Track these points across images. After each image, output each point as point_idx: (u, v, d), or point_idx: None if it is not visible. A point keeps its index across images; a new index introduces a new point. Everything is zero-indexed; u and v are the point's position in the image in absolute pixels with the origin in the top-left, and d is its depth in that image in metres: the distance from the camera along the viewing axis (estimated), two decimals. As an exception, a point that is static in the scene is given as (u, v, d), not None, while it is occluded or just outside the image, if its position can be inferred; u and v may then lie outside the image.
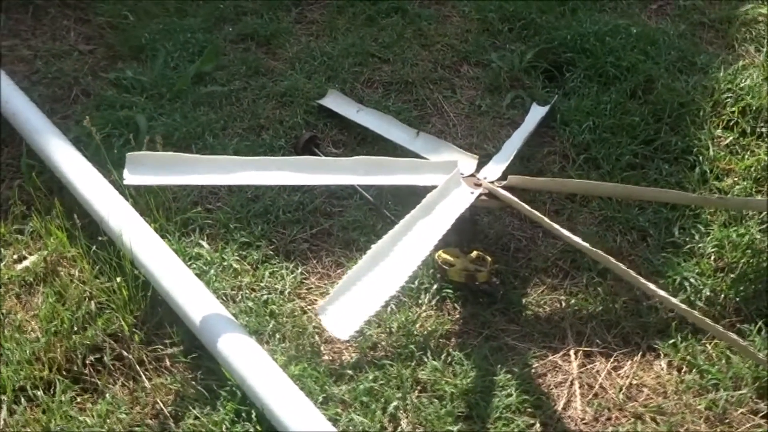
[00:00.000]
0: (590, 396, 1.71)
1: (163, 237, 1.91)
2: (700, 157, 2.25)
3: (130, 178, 1.57)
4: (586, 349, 1.81)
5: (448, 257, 1.87)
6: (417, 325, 1.80)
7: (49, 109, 2.38)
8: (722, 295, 1.94)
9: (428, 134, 2.14)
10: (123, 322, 1.73)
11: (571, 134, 2.33)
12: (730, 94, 2.39)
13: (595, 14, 2.80)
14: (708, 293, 1.93)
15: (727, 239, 2.03)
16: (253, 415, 1.54)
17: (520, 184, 1.81)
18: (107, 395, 1.61)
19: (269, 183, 1.66)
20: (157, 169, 1.60)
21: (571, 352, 1.80)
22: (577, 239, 1.66)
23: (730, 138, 2.31)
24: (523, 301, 1.88)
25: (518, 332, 1.82)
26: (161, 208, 1.99)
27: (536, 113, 2.33)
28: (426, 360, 1.72)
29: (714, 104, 2.39)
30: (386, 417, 1.60)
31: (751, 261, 2.00)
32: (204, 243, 1.94)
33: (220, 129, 2.33)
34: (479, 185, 1.79)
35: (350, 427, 1.57)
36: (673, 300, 1.65)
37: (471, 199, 1.72)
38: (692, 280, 1.96)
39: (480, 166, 1.98)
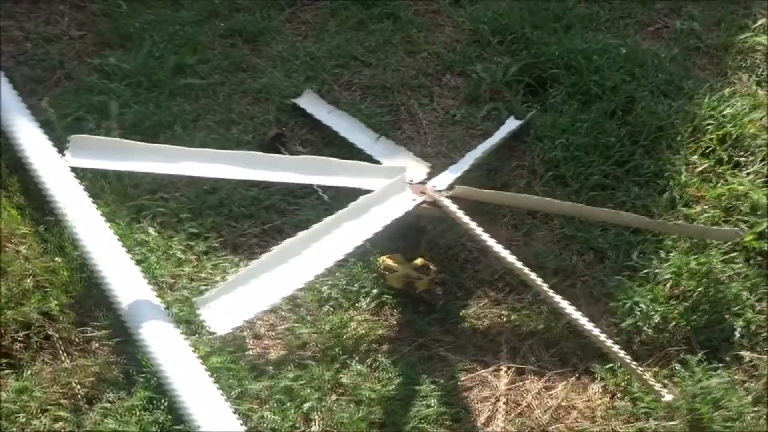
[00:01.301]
0: (514, 414, 1.67)
1: (112, 221, 1.93)
2: (671, 182, 2.20)
3: (71, 160, 1.58)
4: (519, 366, 1.77)
5: (390, 263, 1.86)
6: (350, 328, 1.78)
7: (30, 89, 2.43)
8: (673, 323, 1.89)
9: (388, 140, 2.13)
10: (55, 302, 1.74)
11: (543, 150, 2.30)
12: (711, 121, 2.32)
13: (589, 32, 2.76)
14: (658, 320, 1.88)
15: (685, 267, 1.97)
16: (164, 404, 1.54)
17: (465, 194, 1.78)
18: (27, 372, 1.63)
19: (209, 175, 1.66)
20: (100, 153, 1.61)
21: (503, 368, 1.76)
22: (511, 258, 1.63)
23: (706, 165, 2.25)
24: (463, 312, 1.85)
25: (452, 343, 1.79)
26: (117, 193, 2.01)
27: (508, 126, 2.30)
28: (351, 363, 1.70)
29: (694, 130, 2.33)
30: (299, 417, 1.59)
31: (707, 290, 1.94)
32: (151, 230, 1.95)
33: (191, 120, 2.35)
34: (424, 193, 1.77)
35: (262, 425, 1.56)
36: (586, 325, 1.60)
37: (410, 206, 1.69)
38: (643, 305, 1.91)
39: (436, 174, 1.96)
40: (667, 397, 1.55)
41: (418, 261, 1.86)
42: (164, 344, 1.57)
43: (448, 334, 1.81)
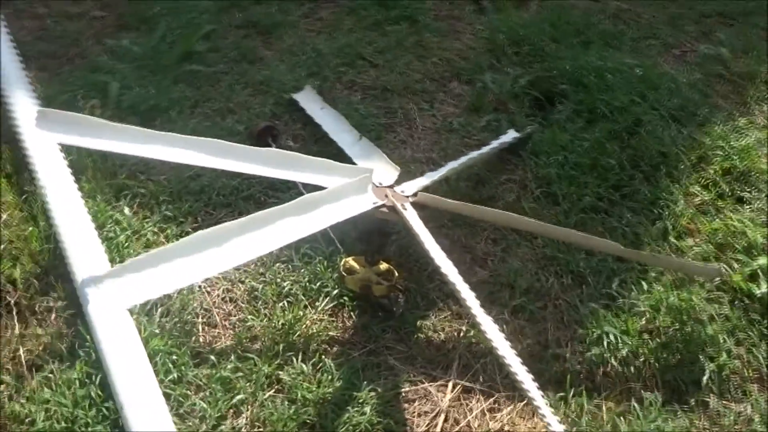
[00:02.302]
0: (453, 428, 1.62)
1: (91, 198, 1.96)
2: (666, 212, 2.10)
3: (36, 131, 1.61)
4: (467, 384, 1.72)
5: (353, 265, 1.83)
6: (302, 326, 1.76)
7: (43, 64, 2.50)
8: (642, 359, 1.81)
9: (368, 141, 2.10)
10: (20, 270, 1.78)
11: (537, 166, 2.24)
12: (719, 152, 2.22)
13: (609, 50, 2.68)
14: (626, 353, 1.80)
15: (665, 301, 1.88)
16: (98, 380, 1.55)
17: (427, 202, 1.74)
18: (-22, 335, 1.67)
19: (172, 159, 1.66)
20: (66, 128, 1.64)
21: (450, 384, 1.71)
22: (456, 280, 1.57)
23: (706, 197, 2.15)
24: (420, 323, 1.81)
25: (403, 353, 1.75)
26: (101, 171, 2.05)
27: (505, 138, 2.24)
28: (294, 361, 1.68)
29: (699, 159, 2.23)
30: (230, 408, 1.58)
31: (683, 328, 1.84)
32: (127, 210, 1.98)
33: (189, 107, 2.37)
34: (388, 197, 1.74)
35: (191, 411, 1.55)
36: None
37: (368, 207, 1.66)
38: (612, 336, 1.83)
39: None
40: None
41: (383, 266, 1.83)
42: (107, 321, 1.58)
43: (401, 343, 1.77)
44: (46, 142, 2.00)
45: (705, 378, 1.75)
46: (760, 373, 1.80)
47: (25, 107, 2.10)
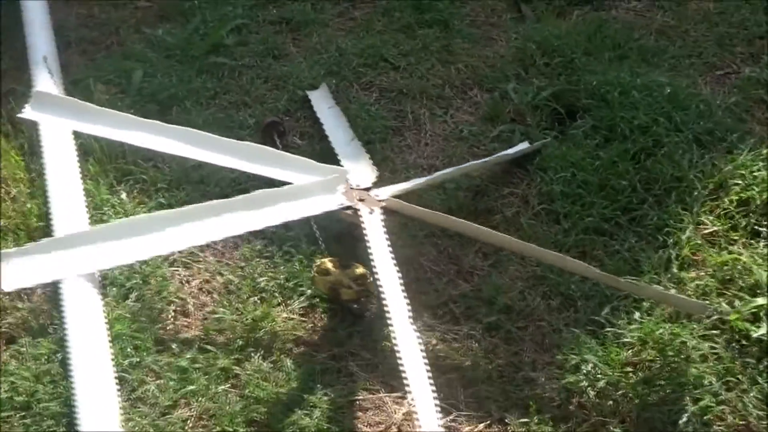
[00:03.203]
0: (401, 446, 1.60)
1: (93, 180, 2.04)
2: (672, 240, 1.99)
3: (29, 112, 1.69)
4: (427, 399, 1.68)
5: (329, 266, 1.83)
6: (269, 323, 1.77)
7: (82, 49, 2.62)
8: (620, 392, 1.72)
9: (359, 143, 2.09)
10: (13, 244, 1.87)
11: (542, 181, 2.17)
12: (739, 181, 2.08)
13: (643, 67, 2.56)
14: (603, 385, 1.72)
15: (655, 334, 1.78)
16: (61, 357, 1.61)
17: (397, 208, 1.72)
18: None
19: (154, 147, 1.71)
20: (60, 111, 1.72)
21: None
22: (390, 290, 1.54)
23: (718, 228, 2.02)
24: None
25: (366, 360, 1.74)
26: (108, 155, 2.12)
27: (509, 150, 2.19)
28: (254, 358, 1.69)
29: (716, 187, 2.09)
30: (180, 398, 1.60)
31: (670, 365, 1.74)
32: (124, 195, 2.05)
33: (208, 98, 2.43)
34: (362, 200, 1.73)
35: (143, 397, 1.59)
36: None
37: (332, 208, 1.66)
38: (592, 366, 1.75)
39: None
40: None
41: (358, 270, 1.82)
42: (76, 300, 1.64)
43: (366, 350, 1.75)
44: (59, 123, 2.09)
45: (683, 421, 1.65)
46: (746, 421, 1.67)
47: (44, 88, 2.20)
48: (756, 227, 2.00)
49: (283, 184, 1.89)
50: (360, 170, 1.85)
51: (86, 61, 2.57)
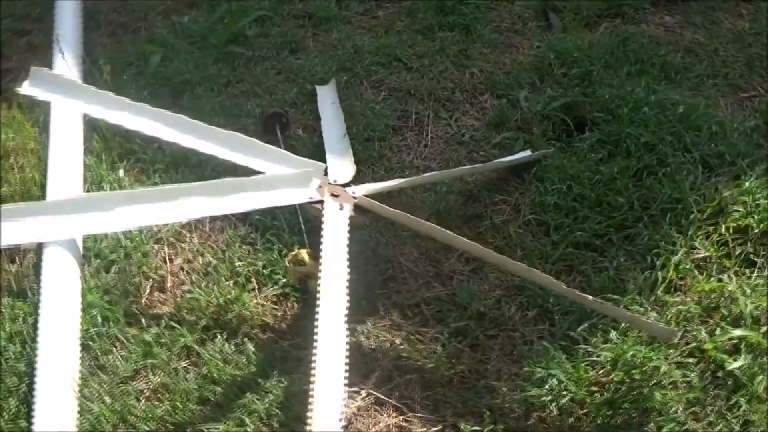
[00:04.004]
0: (348, 440, 1.61)
1: (95, 157, 2.12)
2: (660, 262, 1.93)
3: (26, 88, 1.77)
4: (382, 396, 1.69)
5: (305, 257, 1.84)
6: (240, 307, 1.80)
7: (111, 31, 2.72)
8: (583, 411, 1.69)
9: (348, 140, 2.10)
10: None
11: (538, 191, 2.14)
12: (739, 207, 2.00)
13: (661, 84, 2.49)
14: (566, 402, 1.69)
15: (624, 356, 1.74)
16: (32, 321, 1.68)
17: (368, 206, 1.72)
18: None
19: (137, 128, 1.76)
20: (54, 88, 1.78)
21: (364, 393, 1.69)
22: (328, 284, 1.53)
23: (712, 254, 1.95)
24: (355, 326, 1.80)
25: (328, 353, 1.74)
26: (113, 132, 2.20)
27: (507, 159, 2.16)
28: (218, 339, 1.73)
29: (716, 212, 2.02)
30: (140, 369, 1.65)
31: (640, 390, 1.69)
32: (122, 172, 2.12)
33: (220, 85, 2.48)
34: (335, 195, 1.74)
35: (104, 365, 1.64)
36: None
37: (300, 201, 1.68)
38: (557, 381, 1.72)
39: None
40: None
41: (333, 264, 1.82)
42: (54, 267, 1.70)
43: (329, 342, 1.76)
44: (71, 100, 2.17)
45: (641, 447, 1.60)
46: (709, 455, 1.62)
47: (62, 66, 2.29)
48: (751, 257, 1.93)
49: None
50: (342, 167, 1.87)
51: (113, 43, 2.67)
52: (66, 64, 2.25)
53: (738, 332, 1.71)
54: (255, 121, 2.33)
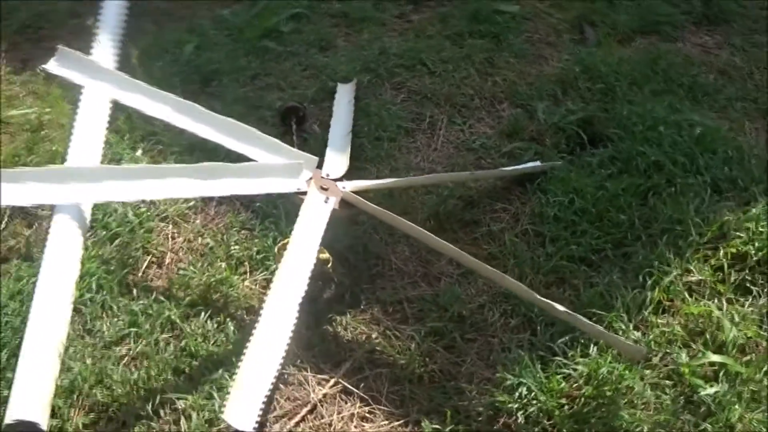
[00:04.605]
0: (313, 422, 1.65)
1: (118, 135, 2.25)
2: (652, 281, 1.91)
3: (52, 66, 1.90)
4: (350, 386, 1.73)
5: (295, 246, 1.90)
6: (228, 288, 1.88)
7: (154, 20, 2.86)
8: (550, 422, 1.69)
9: (349, 138, 2.15)
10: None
11: (539, 202, 2.14)
12: (741, 234, 1.96)
13: (687, 104, 2.45)
14: (534, 411, 1.69)
15: (597, 372, 1.73)
16: (33, 282, 1.80)
17: (354, 202, 1.77)
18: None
19: (146, 111, 1.87)
20: (78, 68, 1.91)
21: (332, 381, 1.73)
22: (284, 275, 1.57)
23: (707, 278, 1.91)
24: (334, 316, 1.85)
25: (304, 338, 1.79)
26: (139, 116, 2.31)
27: (515, 167, 2.18)
28: (202, 316, 1.81)
29: (716, 237, 1.98)
30: (124, 337, 1.75)
31: (609, 407, 1.68)
32: (140, 152, 2.23)
33: (247, 77, 2.58)
34: (324, 188, 1.80)
35: (92, 330, 1.75)
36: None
37: (286, 191, 1.74)
38: (528, 389, 1.72)
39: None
40: None
41: (322, 255, 1.88)
42: (59, 234, 1.82)
43: (308, 329, 1.81)
44: (103, 81, 2.30)
45: (602, 466, 1.59)
46: (671, 483, 1.59)
47: (103, 49, 2.43)
48: (748, 284, 1.88)
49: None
50: (337, 162, 1.92)
51: (155, 30, 2.81)
52: (101, 46, 2.38)
53: (715, 358, 1.68)
54: (274, 113, 2.41)
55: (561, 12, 2.97)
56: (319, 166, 1.89)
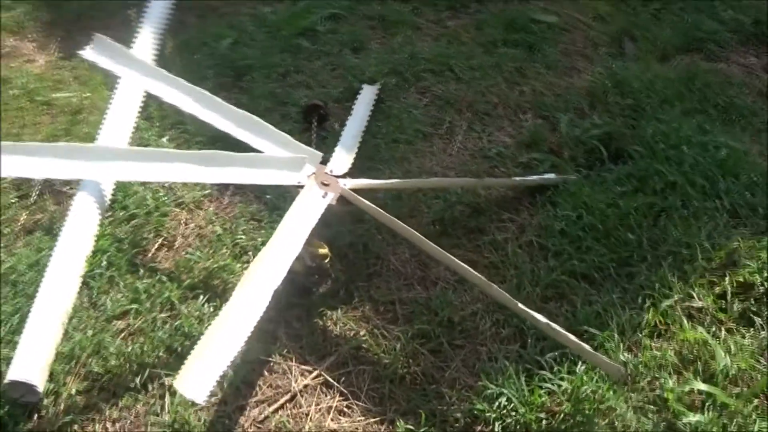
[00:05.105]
0: (288, 412, 1.70)
1: (148, 122, 2.36)
2: (650, 303, 1.88)
3: (88, 53, 2.01)
4: (331, 379, 1.77)
5: (297, 240, 1.96)
6: (228, 275, 1.95)
7: (199, 14, 3.00)
8: (526, 434, 1.69)
9: (360, 138, 2.18)
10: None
11: (546, 215, 2.13)
12: (750, 263, 1.90)
13: (718, 125, 2.39)
14: (512, 423, 1.70)
15: (579, 390, 1.72)
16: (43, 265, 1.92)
17: (351, 199, 1.80)
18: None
19: (168, 99, 1.95)
20: (113, 56, 2.01)
21: (315, 372, 1.78)
22: (252, 275, 1.60)
23: (709, 305, 1.87)
24: (325, 311, 1.89)
25: (295, 330, 1.85)
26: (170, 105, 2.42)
27: (528, 178, 2.18)
28: (200, 299, 1.88)
29: (724, 264, 1.93)
30: (125, 312, 1.84)
31: (587, 426, 1.67)
32: (165, 139, 2.33)
33: (278, 74, 2.66)
34: (325, 184, 1.84)
35: (96, 303, 1.85)
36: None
37: (287, 183, 1.79)
38: (507, 400, 1.73)
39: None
40: None
41: (321, 250, 1.93)
42: (78, 211, 1.94)
43: (298, 321, 1.87)
44: (141, 69, 2.42)
45: (574, 481, 1.58)
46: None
47: (143, 37, 2.55)
48: (751, 315, 1.83)
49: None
50: (343, 159, 1.96)
51: (198, 23, 2.92)
52: (143, 37, 2.50)
53: (702, 387, 1.64)
54: (299, 110, 2.47)
55: (603, 25, 2.94)
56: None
